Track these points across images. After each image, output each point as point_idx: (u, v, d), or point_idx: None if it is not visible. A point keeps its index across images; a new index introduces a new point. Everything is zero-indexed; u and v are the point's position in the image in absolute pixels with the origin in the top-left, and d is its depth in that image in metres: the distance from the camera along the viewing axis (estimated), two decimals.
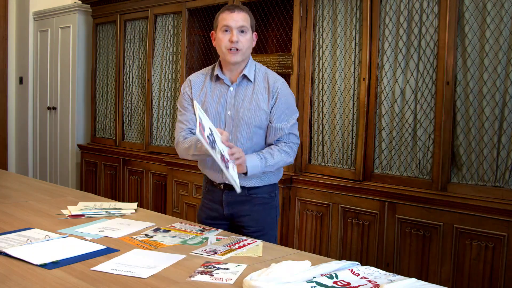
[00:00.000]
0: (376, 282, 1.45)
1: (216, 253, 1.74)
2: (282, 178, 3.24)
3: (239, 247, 1.81)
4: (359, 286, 1.43)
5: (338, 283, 1.43)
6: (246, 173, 2.02)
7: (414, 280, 1.46)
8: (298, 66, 3.36)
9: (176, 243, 1.86)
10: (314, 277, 1.45)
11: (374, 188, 2.99)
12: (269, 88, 2.14)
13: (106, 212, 2.29)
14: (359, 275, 1.50)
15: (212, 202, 2.28)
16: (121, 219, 2.20)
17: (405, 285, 1.42)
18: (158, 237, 1.93)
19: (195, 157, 2.17)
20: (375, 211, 2.98)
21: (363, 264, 1.87)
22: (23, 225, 2.03)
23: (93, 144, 5.20)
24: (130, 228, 2.04)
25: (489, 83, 2.61)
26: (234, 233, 2.09)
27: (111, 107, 5.07)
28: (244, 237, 1.96)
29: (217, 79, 2.19)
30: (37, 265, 1.57)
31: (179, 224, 2.15)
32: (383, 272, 1.53)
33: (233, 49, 2.08)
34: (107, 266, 1.58)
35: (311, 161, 3.40)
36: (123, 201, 4.69)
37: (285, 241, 3.36)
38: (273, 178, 2.25)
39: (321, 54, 3.30)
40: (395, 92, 2.97)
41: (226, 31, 2.09)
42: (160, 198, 4.38)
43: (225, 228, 2.20)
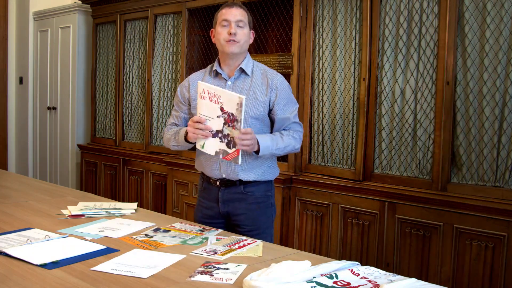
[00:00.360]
0: (376, 282, 1.45)
1: (216, 253, 1.74)
2: (282, 178, 3.27)
3: (239, 247, 1.81)
4: (359, 286, 1.43)
5: (338, 283, 1.43)
6: (257, 152, 2.11)
7: (414, 280, 1.46)
8: (298, 66, 3.36)
9: (176, 243, 1.86)
10: (314, 277, 1.45)
11: (374, 188, 2.99)
12: (267, 81, 2.22)
13: (106, 212, 2.29)
14: (359, 275, 1.50)
15: (208, 201, 2.31)
16: (121, 219, 2.20)
17: (405, 285, 1.42)
18: (158, 237, 1.93)
19: (174, 147, 2.32)
20: (375, 211, 2.98)
21: (363, 264, 1.87)
22: (23, 225, 2.03)
23: (93, 144, 5.20)
24: (130, 228, 2.04)
25: (489, 83, 2.61)
26: (234, 233, 2.10)
27: (111, 107, 5.07)
28: (244, 237, 1.97)
29: (216, 74, 2.28)
30: (37, 265, 1.57)
31: (179, 224, 2.15)
32: (383, 272, 1.53)
33: (231, 40, 2.17)
34: (107, 266, 1.58)
35: (311, 161, 3.40)
36: (123, 201, 4.69)
37: (285, 241, 3.36)
38: (270, 175, 2.30)
39: (321, 54, 3.30)
40: (395, 92, 2.97)
41: (225, 25, 2.19)
42: (160, 198, 4.38)
43: (221, 227, 2.23)
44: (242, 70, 2.24)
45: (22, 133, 6.06)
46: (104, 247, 1.77)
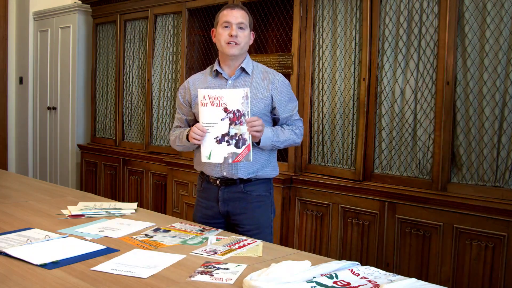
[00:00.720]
0: (376, 282, 1.45)
1: (216, 253, 1.74)
2: (282, 178, 3.27)
3: (239, 247, 1.81)
4: (359, 286, 1.43)
5: (338, 283, 1.43)
6: (258, 142, 2.15)
7: (414, 280, 1.46)
8: (298, 66, 3.36)
9: (176, 243, 1.86)
10: (314, 277, 1.45)
11: (374, 188, 2.99)
12: (269, 80, 2.26)
13: (106, 212, 2.29)
14: (359, 275, 1.50)
15: (207, 200, 2.32)
16: (121, 219, 2.20)
17: (405, 285, 1.42)
18: (158, 237, 1.93)
19: (180, 148, 2.34)
20: (375, 211, 2.98)
21: (363, 264, 1.87)
22: (23, 225, 2.03)
23: (93, 144, 5.20)
24: (130, 228, 2.04)
25: (489, 83, 2.61)
26: (234, 233, 2.10)
27: (111, 107, 5.07)
28: (244, 237, 1.97)
29: (216, 74, 2.30)
30: (37, 265, 1.57)
31: (179, 224, 2.15)
32: (383, 272, 1.53)
33: (231, 42, 2.20)
34: (107, 266, 1.58)
35: (311, 161, 3.39)
36: (123, 201, 4.69)
37: (285, 241, 3.36)
38: (269, 173, 2.31)
39: (321, 54, 3.30)
40: (395, 92, 2.97)
41: (226, 26, 2.22)
42: (160, 198, 4.38)
43: (220, 227, 2.23)
44: (243, 69, 2.27)
45: (22, 133, 6.06)
46: (104, 247, 1.77)
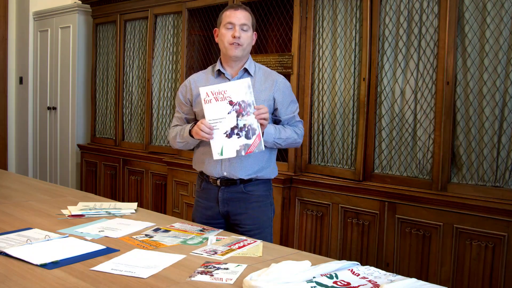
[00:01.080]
0: (376, 282, 1.45)
1: (216, 253, 1.74)
2: (282, 178, 3.27)
3: (239, 247, 1.81)
4: (359, 286, 1.43)
5: (338, 283, 1.43)
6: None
7: (414, 280, 1.46)
8: (298, 66, 3.36)
9: (176, 243, 1.86)
10: (314, 277, 1.45)
11: (374, 188, 2.99)
12: (271, 82, 2.27)
13: (106, 212, 2.29)
14: (359, 275, 1.50)
15: (207, 201, 2.32)
16: (121, 219, 2.20)
17: (405, 285, 1.42)
18: (158, 237, 1.93)
19: (180, 144, 2.32)
20: (375, 211, 2.98)
21: (363, 264, 1.87)
22: (23, 225, 2.03)
23: (93, 144, 5.20)
24: (130, 228, 2.04)
25: (489, 83, 2.61)
26: (234, 233, 2.10)
27: (111, 107, 5.07)
28: (244, 237, 1.97)
29: (219, 74, 2.30)
30: (37, 265, 1.57)
31: (179, 224, 2.15)
32: (383, 272, 1.53)
33: (235, 43, 2.20)
34: (107, 266, 1.58)
35: (311, 161, 3.39)
36: (123, 201, 4.69)
37: (285, 241, 3.36)
38: (269, 174, 2.31)
39: (321, 54, 3.30)
40: (395, 92, 2.97)
41: (229, 28, 2.21)
42: (160, 198, 4.38)
43: (220, 227, 2.23)
44: (245, 70, 2.27)
45: (22, 133, 6.06)
46: (104, 247, 1.77)
